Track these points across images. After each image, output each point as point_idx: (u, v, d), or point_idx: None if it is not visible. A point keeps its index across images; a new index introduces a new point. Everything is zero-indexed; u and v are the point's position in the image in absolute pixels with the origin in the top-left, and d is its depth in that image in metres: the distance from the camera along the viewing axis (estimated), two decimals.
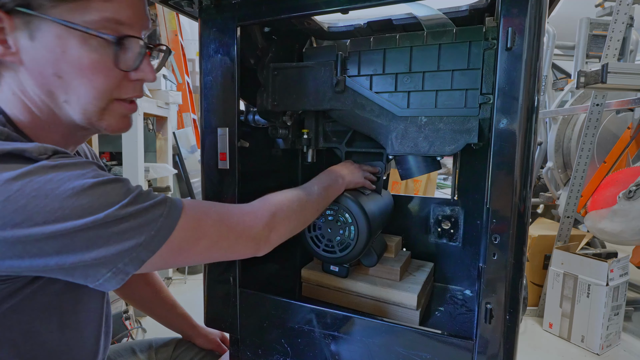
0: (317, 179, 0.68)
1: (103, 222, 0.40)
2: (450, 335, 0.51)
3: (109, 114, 0.51)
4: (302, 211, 0.61)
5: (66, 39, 0.44)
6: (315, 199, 0.64)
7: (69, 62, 0.45)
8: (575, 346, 1.73)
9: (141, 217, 0.43)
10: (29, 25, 0.44)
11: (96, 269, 0.41)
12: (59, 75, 0.46)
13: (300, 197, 0.61)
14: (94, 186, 0.41)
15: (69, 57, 0.45)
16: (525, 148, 0.46)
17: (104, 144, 2.27)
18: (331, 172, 0.71)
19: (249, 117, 0.71)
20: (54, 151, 0.43)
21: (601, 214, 1.62)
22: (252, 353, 0.65)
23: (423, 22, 0.61)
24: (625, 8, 1.76)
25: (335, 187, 0.68)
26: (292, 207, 0.59)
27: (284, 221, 0.58)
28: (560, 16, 1.70)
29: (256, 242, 0.54)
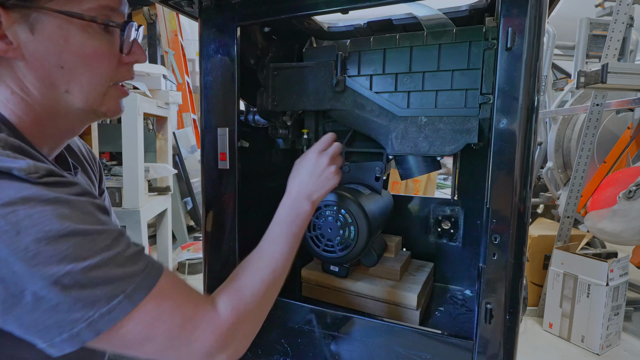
0: (278, 221, 0.60)
1: (63, 277, 0.37)
2: (450, 335, 0.51)
3: (109, 98, 0.51)
4: (269, 294, 0.54)
5: (67, 29, 0.45)
6: (283, 262, 0.56)
7: (72, 52, 0.46)
8: (575, 346, 1.73)
9: (100, 288, 0.39)
10: (27, 19, 0.44)
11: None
12: (61, 66, 0.46)
13: (266, 277, 0.53)
14: (70, 235, 0.38)
15: (72, 46, 0.46)
16: (525, 148, 0.46)
17: (104, 144, 2.27)
18: (292, 196, 0.62)
19: (249, 117, 0.71)
20: (47, 172, 0.41)
21: (601, 214, 1.62)
22: (252, 353, 0.65)
23: (423, 22, 0.61)
24: (625, 8, 1.76)
25: (302, 219, 0.60)
26: (258, 300, 0.51)
27: (249, 324, 0.50)
28: (560, 16, 1.70)
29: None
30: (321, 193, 0.64)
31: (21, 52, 0.45)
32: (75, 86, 0.48)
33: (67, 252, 0.38)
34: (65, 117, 0.51)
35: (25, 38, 0.44)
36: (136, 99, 1.75)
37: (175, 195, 2.61)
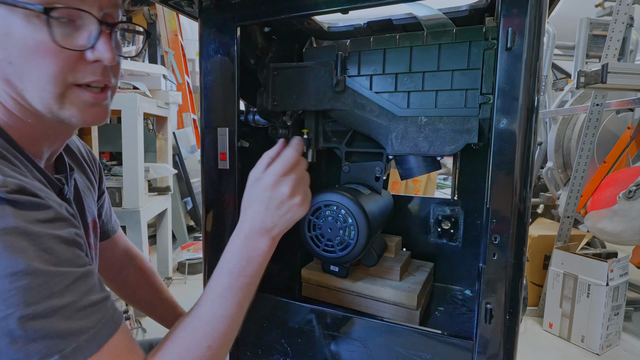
0: (223, 269, 0.49)
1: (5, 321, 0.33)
2: (450, 335, 0.51)
3: (70, 103, 0.46)
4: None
5: (9, 19, 0.41)
6: (225, 332, 0.46)
7: (15, 45, 0.41)
8: (575, 346, 1.73)
9: (34, 344, 0.34)
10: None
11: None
12: (9, 61, 0.42)
13: (201, 355, 0.44)
14: (19, 274, 0.35)
15: (14, 39, 0.41)
16: (525, 148, 0.46)
17: (104, 144, 2.27)
18: (244, 233, 0.51)
19: (249, 117, 0.71)
20: (17, 188, 0.38)
21: (601, 214, 1.62)
22: (252, 353, 0.65)
23: (423, 22, 0.61)
24: (625, 8, 1.76)
25: (258, 263, 0.50)
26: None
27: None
28: (560, 16, 1.70)
29: None
30: (284, 227, 0.53)
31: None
32: (28, 84, 0.44)
33: (10, 294, 0.34)
34: (39, 118, 0.47)
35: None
36: (136, 99, 1.75)
37: (175, 195, 2.61)
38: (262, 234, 0.52)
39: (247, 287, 0.50)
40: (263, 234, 0.52)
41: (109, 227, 0.78)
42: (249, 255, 0.51)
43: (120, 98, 1.72)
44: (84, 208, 0.63)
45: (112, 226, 0.80)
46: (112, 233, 0.79)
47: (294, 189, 0.53)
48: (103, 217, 0.76)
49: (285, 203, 0.52)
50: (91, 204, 0.67)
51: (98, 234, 0.69)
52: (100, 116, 0.49)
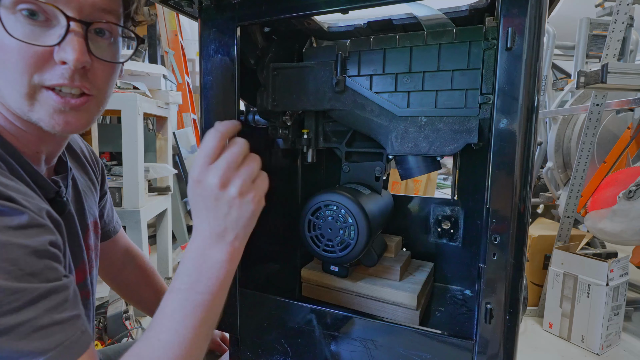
0: (173, 286, 0.43)
1: None
2: (450, 335, 0.51)
3: (39, 105, 0.44)
4: None
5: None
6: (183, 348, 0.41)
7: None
8: (575, 346, 1.73)
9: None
10: None
11: None
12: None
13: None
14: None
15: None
16: (525, 148, 0.46)
17: (104, 144, 2.27)
18: (195, 243, 0.45)
19: (249, 117, 0.71)
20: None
21: (601, 214, 1.62)
22: (252, 353, 0.65)
23: (423, 22, 0.61)
24: (625, 8, 1.76)
25: (213, 276, 0.43)
26: None
27: None
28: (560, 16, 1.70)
29: None
30: (241, 231, 0.46)
31: None
32: (2, 82, 0.43)
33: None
34: (26, 122, 0.46)
35: None
36: (136, 99, 1.75)
37: (175, 195, 2.61)
38: (215, 242, 0.44)
39: (204, 307, 0.43)
40: (216, 242, 0.44)
41: (111, 228, 0.78)
42: (201, 269, 0.44)
43: (120, 98, 1.72)
44: (84, 209, 0.63)
45: (114, 226, 0.80)
46: (114, 233, 0.80)
47: (244, 186, 0.45)
48: (105, 218, 0.76)
49: (235, 204, 0.44)
50: (92, 204, 0.67)
51: (99, 234, 0.69)
52: (71, 124, 0.46)
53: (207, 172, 0.44)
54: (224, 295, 0.45)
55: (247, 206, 0.45)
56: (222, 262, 0.44)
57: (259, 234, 0.75)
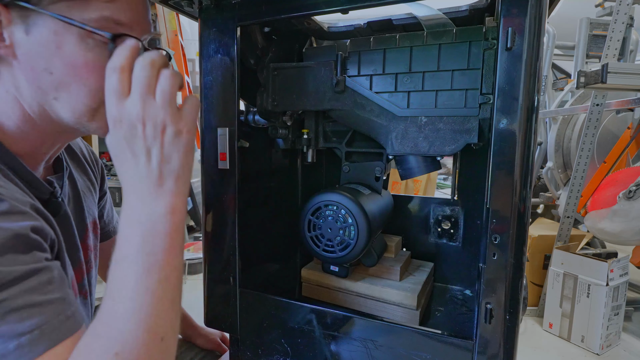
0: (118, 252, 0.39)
1: None
2: (450, 335, 0.51)
3: (100, 116, 0.47)
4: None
5: (63, 35, 0.43)
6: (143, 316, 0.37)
7: (63, 59, 0.44)
8: (575, 346, 1.73)
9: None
10: (26, 20, 0.43)
11: None
12: (50, 71, 0.44)
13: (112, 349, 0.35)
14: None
15: (63, 53, 0.44)
16: (525, 148, 0.46)
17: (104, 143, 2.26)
18: (128, 201, 0.40)
19: (249, 117, 0.71)
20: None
21: (601, 214, 1.62)
22: (252, 353, 0.65)
23: (423, 22, 0.61)
24: (625, 8, 1.76)
25: (161, 231, 0.39)
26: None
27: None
28: (560, 16, 1.70)
29: None
30: (176, 169, 0.41)
31: (13, 51, 0.44)
32: (63, 95, 0.46)
33: None
34: (57, 124, 0.49)
35: (20, 38, 0.44)
36: None
37: None
38: (152, 195, 0.40)
39: (157, 267, 0.38)
40: (153, 194, 0.40)
41: (111, 228, 0.78)
42: (143, 229, 0.39)
43: None
44: (83, 209, 0.63)
45: (114, 226, 0.80)
46: (114, 233, 0.79)
47: (172, 115, 0.40)
48: (105, 218, 0.76)
49: (166, 140, 0.40)
50: (91, 204, 0.67)
51: (98, 234, 0.69)
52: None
53: (124, 107, 0.40)
54: (180, 250, 0.41)
55: (180, 139, 0.41)
56: (165, 215, 0.39)
57: (259, 234, 0.75)
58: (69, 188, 0.60)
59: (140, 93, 0.39)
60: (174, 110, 0.41)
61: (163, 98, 0.40)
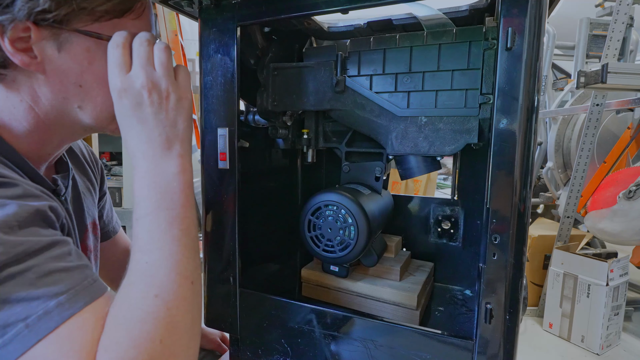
0: (139, 211, 0.41)
1: None
2: (450, 335, 0.51)
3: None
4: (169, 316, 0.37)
5: (95, 52, 0.46)
6: (174, 262, 0.40)
7: (94, 74, 0.47)
8: (575, 346, 1.73)
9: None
10: (57, 37, 0.44)
11: None
12: (80, 85, 0.47)
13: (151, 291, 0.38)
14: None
15: (95, 68, 0.46)
16: (525, 148, 0.46)
17: (104, 143, 2.27)
18: (141, 167, 0.43)
19: (249, 117, 0.71)
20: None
21: (601, 214, 1.62)
22: (252, 353, 0.65)
23: (423, 22, 0.61)
24: (625, 8, 1.76)
25: (176, 189, 0.43)
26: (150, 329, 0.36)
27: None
28: (560, 16, 1.70)
29: None
30: (180, 132, 0.44)
31: (43, 67, 0.45)
32: (89, 104, 0.48)
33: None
34: (69, 127, 0.51)
35: (51, 55, 0.44)
36: None
37: None
38: (162, 157, 0.43)
39: (178, 220, 0.42)
40: (163, 156, 0.43)
41: (110, 228, 0.78)
42: (159, 188, 0.42)
43: None
44: (83, 209, 0.63)
45: (114, 227, 0.80)
46: (113, 234, 0.79)
47: (171, 83, 0.45)
48: (104, 218, 0.76)
49: (170, 105, 0.44)
50: (91, 205, 0.67)
51: (98, 235, 0.69)
52: None
53: (128, 78, 0.43)
54: (192, 206, 0.45)
55: (180, 102, 0.45)
56: (177, 174, 0.43)
57: (259, 234, 0.75)
58: (70, 188, 0.61)
59: (142, 65, 0.43)
60: (173, 79, 0.45)
61: (162, 67, 0.44)
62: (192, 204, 0.45)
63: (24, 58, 0.43)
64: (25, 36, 0.42)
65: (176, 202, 0.43)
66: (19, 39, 0.42)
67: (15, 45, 0.42)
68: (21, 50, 0.43)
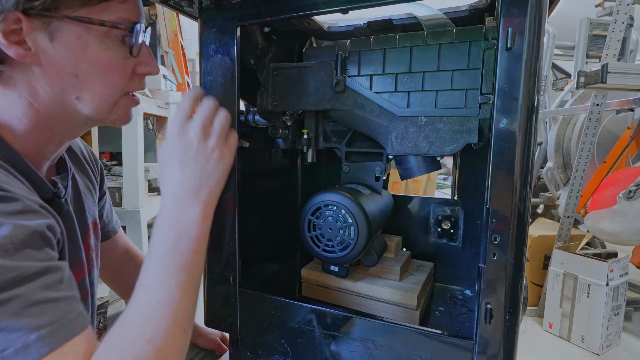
0: (151, 253, 0.44)
1: None
2: (450, 335, 0.51)
3: (119, 108, 0.52)
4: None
5: (86, 38, 0.46)
6: (173, 307, 0.41)
7: (88, 61, 0.46)
8: (575, 346, 1.73)
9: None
10: (48, 27, 0.44)
11: None
12: (76, 74, 0.47)
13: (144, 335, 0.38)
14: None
15: (89, 56, 0.46)
16: (525, 148, 0.46)
17: (104, 143, 2.26)
18: (168, 206, 0.46)
19: (249, 117, 0.71)
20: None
21: (601, 214, 1.62)
22: (252, 353, 0.65)
23: (423, 22, 0.61)
24: (625, 8, 1.76)
25: (192, 234, 0.45)
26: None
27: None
28: (560, 16, 1.70)
29: None
30: (212, 185, 0.48)
31: (38, 59, 0.45)
32: (87, 94, 0.48)
33: None
34: (70, 121, 0.51)
35: (44, 45, 0.44)
36: None
37: None
38: (189, 201, 0.46)
39: (188, 266, 0.44)
40: (190, 200, 0.46)
41: (110, 228, 0.78)
42: (178, 229, 0.45)
43: None
44: (83, 209, 0.63)
45: (113, 227, 0.80)
46: (113, 234, 0.79)
47: (220, 140, 0.50)
48: (104, 218, 0.76)
49: (212, 157, 0.49)
50: (91, 205, 0.67)
51: (99, 234, 0.69)
52: (131, 117, 0.56)
53: (187, 125, 0.50)
54: (204, 252, 0.48)
55: (223, 159, 0.50)
56: (197, 220, 0.46)
57: (259, 234, 0.75)
58: (71, 188, 0.61)
59: (202, 118, 0.50)
60: (223, 140, 0.51)
61: (219, 126, 0.51)
62: (204, 251, 0.47)
63: (19, 50, 0.43)
64: (17, 28, 0.42)
65: (190, 247, 0.45)
66: (11, 32, 0.42)
67: (9, 38, 0.42)
68: (15, 42, 0.43)
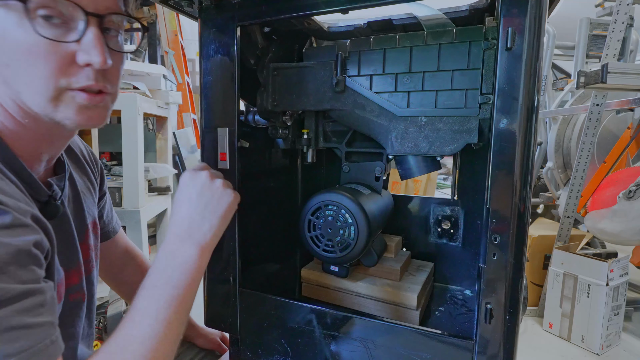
0: (146, 283, 0.46)
1: None
2: (450, 335, 0.51)
3: (64, 105, 0.45)
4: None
5: (4, 21, 0.41)
6: (156, 341, 0.42)
7: (10, 47, 0.42)
8: (575, 346, 1.73)
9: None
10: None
11: None
12: (7, 64, 0.43)
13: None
14: None
15: (9, 42, 0.42)
16: (525, 148, 0.46)
17: (104, 143, 2.27)
18: (168, 241, 0.50)
19: (249, 117, 0.71)
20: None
21: (601, 214, 1.62)
22: (252, 353, 0.65)
23: (423, 22, 0.61)
24: (625, 8, 1.76)
25: (185, 272, 0.47)
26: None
27: None
28: (560, 16, 1.70)
29: None
30: (215, 223, 0.51)
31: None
32: (22, 86, 0.44)
33: None
34: (40, 121, 0.47)
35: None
36: (136, 99, 1.75)
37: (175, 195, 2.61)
38: (189, 237, 0.50)
39: (177, 301, 0.45)
40: (185, 240, 0.50)
41: (110, 228, 0.78)
42: (174, 265, 0.47)
43: (120, 98, 1.71)
44: (82, 209, 0.63)
45: (113, 227, 0.80)
46: (113, 234, 0.79)
47: (225, 184, 0.55)
48: (104, 218, 0.76)
49: (216, 194, 0.53)
50: (91, 205, 0.67)
51: (99, 235, 0.69)
52: (95, 119, 0.48)
53: (202, 168, 0.56)
54: (196, 289, 0.49)
55: (227, 197, 0.54)
56: (194, 261, 0.49)
57: (259, 234, 0.75)
58: (69, 189, 0.60)
59: (213, 171, 0.57)
60: (228, 184, 0.56)
61: (222, 180, 0.55)
62: (196, 287, 0.49)
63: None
64: None
65: (182, 282, 0.47)
66: None
67: None
68: None
